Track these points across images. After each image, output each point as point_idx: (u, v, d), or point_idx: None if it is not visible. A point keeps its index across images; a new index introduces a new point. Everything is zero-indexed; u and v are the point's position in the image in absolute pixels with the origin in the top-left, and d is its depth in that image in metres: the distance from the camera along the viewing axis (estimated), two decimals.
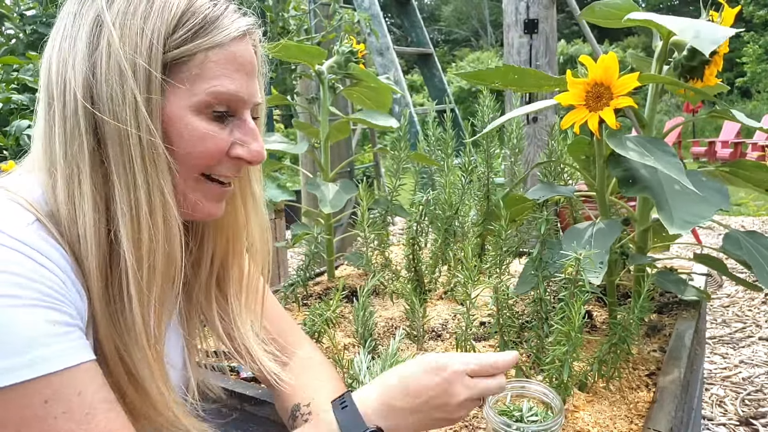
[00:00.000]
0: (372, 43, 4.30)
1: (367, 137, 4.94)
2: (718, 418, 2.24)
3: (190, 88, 0.62)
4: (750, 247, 0.92)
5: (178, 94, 0.62)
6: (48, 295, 0.55)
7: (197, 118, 0.63)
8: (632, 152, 0.82)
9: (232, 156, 0.67)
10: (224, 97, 0.64)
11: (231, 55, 0.64)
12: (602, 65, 0.84)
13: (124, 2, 0.61)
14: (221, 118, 0.65)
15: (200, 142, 0.64)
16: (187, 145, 0.63)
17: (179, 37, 0.61)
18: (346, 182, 1.31)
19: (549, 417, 0.67)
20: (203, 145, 0.64)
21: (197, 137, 0.63)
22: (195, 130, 0.63)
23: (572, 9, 3.91)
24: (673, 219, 0.81)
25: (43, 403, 0.53)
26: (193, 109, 0.63)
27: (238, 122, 0.67)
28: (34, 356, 0.52)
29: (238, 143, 0.67)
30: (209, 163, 0.66)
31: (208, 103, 0.63)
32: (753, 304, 3.37)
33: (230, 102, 0.65)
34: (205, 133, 0.64)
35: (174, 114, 0.62)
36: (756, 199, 6.34)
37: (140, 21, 0.60)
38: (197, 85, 0.62)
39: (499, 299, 0.89)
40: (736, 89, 16.19)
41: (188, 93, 0.62)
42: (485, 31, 25.59)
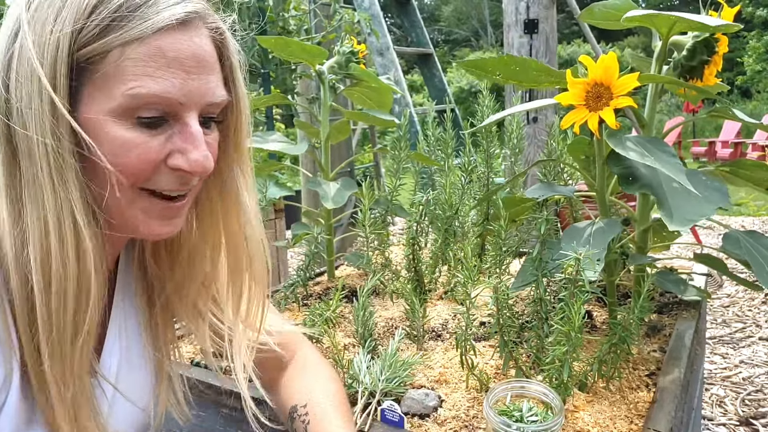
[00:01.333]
0: (372, 43, 4.30)
1: (367, 137, 4.94)
2: (718, 418, 2.24)
3: (106, 91, 0.53)
4: (750, 247, 0.92)
5: (95, 99, 0.54)
6: None
7: (120, 125, 0.54)
8: (632, 152, 0.82)
9: (171, 166, 0.57)
10: (147, 101, 0.54)
11: (155, 49, 0.54)
12: (602, 65, 0.84)
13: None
14: (153, 125, 0.56)
15: (124, 152, 0.54)
16: (110, 156, 0.54)
17: (90, 32, 0.52)
18: (346, 179, 1.31)
19: (549, 417, 0.67)
20: (127, 156, 0.55)
21: (120, 147, 0.54)
22: (116, 139, 0.54)
23: (572, 9, 3.91)
24: (673, 216, 0.81)
25: None
26: (113, 116, 0.54)
27: (178, 127, 0.57)
28: None
29: (176, 152, 0.57)
30: (141, 176, 0.57)
31: (127, 108, 0.54)
32: (753, 304, 3.36)
33: (159, 105, 0.55)
34: (130, 142, 0.54)
35: (93, 121, 0.54)
36: (756, 198, 6.34)
37: (52, 16, 0.53)
38: (114, 88, 0.53)
39: (499, 299, 0.89)
40: (736, 89, 16.19)
41: (105, 97, 0.53)
42: (485, 31, 25.59)
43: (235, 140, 0.66)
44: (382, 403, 0.83)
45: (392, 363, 0.88)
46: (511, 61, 0.98)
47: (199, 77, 0.57)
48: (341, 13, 3.15)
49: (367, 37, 4.12)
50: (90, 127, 0.54)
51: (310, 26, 3.23)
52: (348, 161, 1.68)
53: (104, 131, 0.54)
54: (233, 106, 0.64)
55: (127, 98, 0.53)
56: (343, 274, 1.48)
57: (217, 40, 0.61)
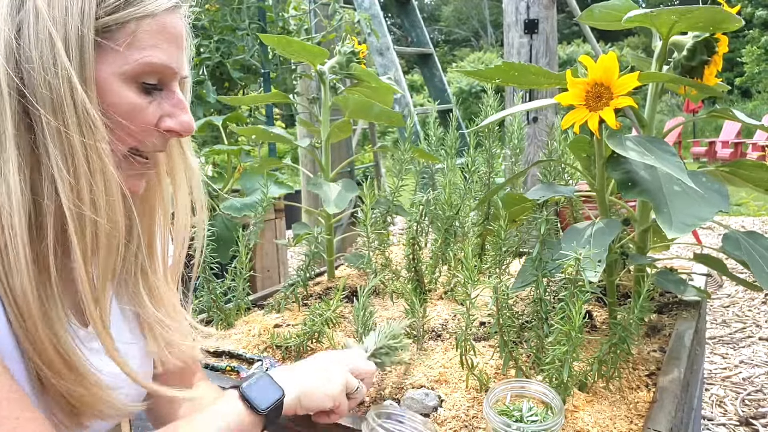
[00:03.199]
0: (372, 43, 4.30)
1: (367, 137, 4.94)
2: (718, 418, 2.24)
3: (121, 57, 0.60)
4: (749, 248, 0.92)
5: (108, 63, 0.60)
6: None
7: (127, 88, 0.62)
8: (632, 152, 0.82)
9: (161, 129, 0.65)
10: (155, 68, 0.62)
11: (162, 25, 0.63)
12: (602, 65, 0.84)
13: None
14: (150, 91, 0.64)
15: (129, 114, 0.62)
16: (118, 116, 0.61)
17: (111, 4, 0.59)
18: (347, 182, 1.31)
19: (549, 417, 0.67)
20: (131, 117, 0.62)
21: (126, 108, 0.62)
22: (123, 100, 0.61)
23: (572, 9, 3.91)
24: (671, 222, 0.80)
25: None
26: (123, 79, 0.61)
27: (166, 94, 0.66)
28: None
29: (167, 116, 0.66)
30: (138, 137, 0.64)
31: (138, 73, 0.62)
32: (753, 304, 3.37)
33: (160, 73, 0.64)
34: (135, 105, 0.62)
35: (104, 83, 0.60)
36: (756, 199, 6.34)
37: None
38: (129, 55, 0.61)
39: (499, 299, 0.89)
40: (736, 89, 16.20)
41: (119, 62, 0.61)
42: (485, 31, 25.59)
43: None
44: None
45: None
46: (510, 68, 0.97)
47: (181, 53, 0.67)
48: (341, 13, 3.15)
49: (367, 37, 4.12)
50: (103, 89, 0.60)
51: (310, 26, 3.23)
52: (348, 161, 1.68)
53: (116, 94, 0.61)
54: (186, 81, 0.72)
55: (141, 65, 0.61)
56: (343, 274, 1.48)
57: (185, 24, 0.70)
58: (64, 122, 0.57)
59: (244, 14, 2.61)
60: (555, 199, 1.17)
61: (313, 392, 0.75)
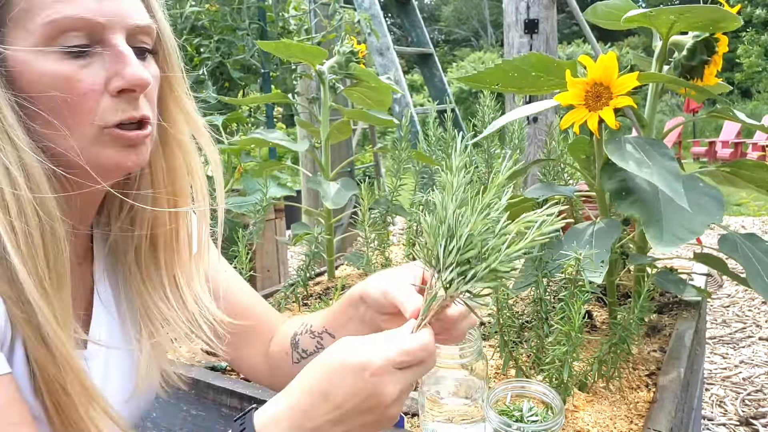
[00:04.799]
0: (372, 43, 4.30)
1: (367, 137, 4.94)
2: (718, 418, 2.24)
3: (24, 30, 0.53)
4: (747, 251, 0.92)
5: (17, 40, 0.53)
6: None
7: (47, 60, 0.53)
8: (631, 162, 0.81)
9: (113, 92, 0.56)
10: (65, 25, 0.53)
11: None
12: (601, 65, 0.84)
13: None
14: (80, 54, 0.55)
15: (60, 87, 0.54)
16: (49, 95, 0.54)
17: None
18: (346, 180, 1.31)
19: (549, 417, 0.67)
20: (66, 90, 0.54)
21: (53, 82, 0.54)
22: (46, 74, 0.53)
23: (572, 9, 3.90)
24: (662, 236, 0.78)
25: None
26: (37, 53, 0.53)
27: (108, 51, 0.56)
28: None
29: (113, 76, 0.56)
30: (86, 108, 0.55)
31: (48, 37, 0.53)
32: (753, 304, 3.36)
33: (79, 29, 0.54)
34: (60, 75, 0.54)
35: (21, 65, 0.53)
36: (756, 199, 6.33)
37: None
38: (30, 21, 0.53)
39: (499, 299, 0.89)
40: (737, 89, 16.20)
41: (25, 34, 0.53)
42: (485, 31, 25.59)
43: (168, 80, 0.66)
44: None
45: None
46: (509, 67, 0.96)
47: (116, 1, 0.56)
48: (341, 13, 3.15)
49: (367, 37, 4.11)
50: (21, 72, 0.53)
51: (310, 26, 3.23)
52: (348, 161, 1.68)
53: (36, 70, 0.53)
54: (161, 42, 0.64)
55: (45, 28, 0.53)
56: (343, 274, 1.48)
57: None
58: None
59: (244, 14, 2.61)
60: (555, 199, 1.17)
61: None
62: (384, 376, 0.53)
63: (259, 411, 0.56)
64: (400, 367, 0.54)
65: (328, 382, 0.54)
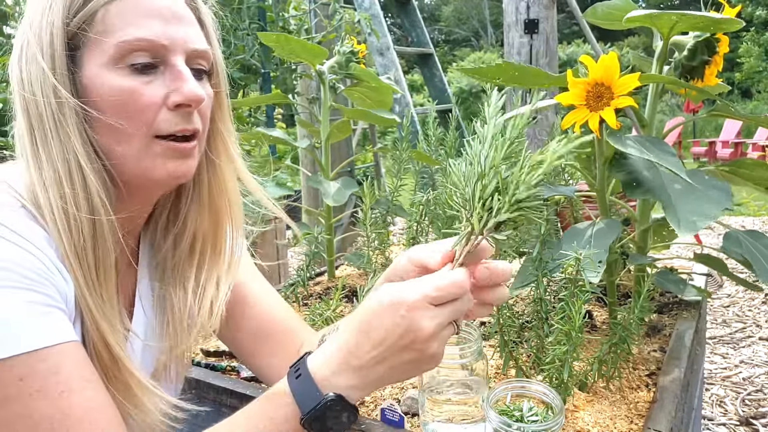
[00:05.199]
0: (372, 42, 4.30)
1: (368, 137, 4.94)
2: (718, 418, 2.24)
3: (101, 47, 0.61)
4: (750, 246, 0.92)
5: (93, 57, 0.62)
6: (27, 277, 0.55)
7: (115, 75, 0.61)
8: (632, 149, 0.82)
9: (171, 106, 0.64)
10: (134, 46, 0.61)
11: (133, 3, 0.62)
12: (603, 65, 0.84)
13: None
14: (144, 71, 0.63)
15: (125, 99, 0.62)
16: (114, 106, 0.61)
17: (77, 2, 0.61)
18: (347, 179, 1.31)
19: (549, 417, 0.67)
20: (130, 102, 0.62)
21: (120, 95, 0.61)
22: (115, 88, 0.61)
23: (572, 9, 3.90)
24: (679, 221, 0.80)
25: (17, 381, 0.53)
26: (108, 68, 0.61)
27: (168, 70, 0.64)
28: (11, 335, 0.53)
29: (172, 92, 0.64)
30: (145, 121, 0.63)
31: (119, 56, 0.61)
32: (753, 304, 3.36)
33: (146, 50, 0.62)
34: (127, 89, 0.62)
35: (92, 78, 0.61)
36: (756, 199, 6.33)
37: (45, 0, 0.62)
38: (104, 42, 0.61)
39: None
40: (737, 89, 16.21)
41: (100, 53, 0.61)
42: (485, 31, 25.59)
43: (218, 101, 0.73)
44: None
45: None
46: (510, 68, 0.97)
47: (178, 26, 0.65)
48: (341, 13, 3.15)
49: (368, 37, 4.12)
50: (92, 85, 0.62)
51: (310, 26, 3.23)
52: (348, 161, 1.68)
53: (105, 84, 0.61)
54: (214, 66, 0.71)
55: (117, 48, 0.61)
56: (344, 273, 1.48)
57: (190, 4, 0.69)
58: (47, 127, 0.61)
59: (244, 14, 2.61)
60: (555, 199, 1.17)
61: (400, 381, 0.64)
62: (418, 311, 0.57)
63: (311, 355, 0.62)
64: (435, 302, 0.57)
65: (369, 321, 0.58)
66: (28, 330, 0.54)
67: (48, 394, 0.54)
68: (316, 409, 0.58)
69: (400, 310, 0.57)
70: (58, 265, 0.59)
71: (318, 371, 0.60)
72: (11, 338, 0.53)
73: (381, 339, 0.58)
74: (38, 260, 0.57)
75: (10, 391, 0.53)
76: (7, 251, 0.55)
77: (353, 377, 0.59)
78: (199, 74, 0.68)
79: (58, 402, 0.55)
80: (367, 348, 0.58)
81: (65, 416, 0.55)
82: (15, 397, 0.53)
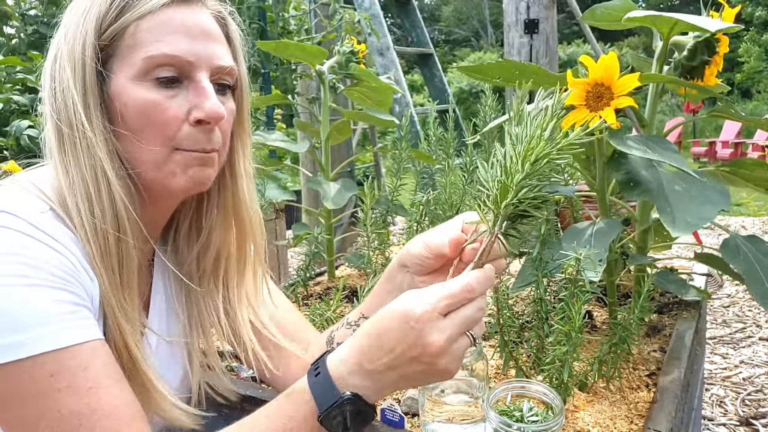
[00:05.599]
0: (372, 43, 4.30)
1: (368, 137, 4.94)
2: (718, 418, 2.24)
3: (129, 60, 0.63)
4: (749, 255, 0.91)
5: (121, 70, 0.64)
6: (57, 276, 0.57)
7: (141, 88, 0.63)
8: (635, 150, 0.82)
9: (192, 122, 0.66)
10: (160, 61, 0.63)
11: (164, 20, 0.64)
12: (603, 65, 0.84)
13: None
14: (169, 85, 0.65)
15: (149, 111, 0.63)
16: (138, 117, 0.63)
17: (110, 17, 0.63)
18: (347, 181, 1.31)
19: (549, 417, 0.67)
20: (153, 115, 0.64)
21: (144, 107, 0.63)
22: (139, 99, 0.63)
23: (573, 9, 3.91)
24: (675, 221, 0.80)
25: (48, 377, 0.55)
26: (134, 81, 0.63)
27: (192, 86, 0.66)
28: (42, 333, 0.55)
29: (194, 108, 0.66)
30: (167, 133, 0.65)
31: (146, 70, 0.63)
32: (753, 304, 3.36)
33: (172, 65, 0.64)
34: (151, 102, 0.63)
35: (119, 90, 0.63)
36: (756, 199, 6.33)
37: (80, 12, 0.64)
38: (133, 56, 0.63)
39: (500, 299, 0.89)
40: (737, 89, 16.20)
41: (127, 66, 0.63)
42: (485, 31, 25.59)
43: (239, 117, 0.75)
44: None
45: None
46: (511, 66, 0.98)
47: (205, 43, 0.66)
48: (341, 13, 3.15)
49: (368, 37, 4.12)
50: (119, 96, 0.64)
51: (310, 26, 3.23)
52: (348, 161, 1.68)
53: (131, 96, 0.63)
54: (239, 82, 0.73)
55: (144, 62, 0.63)
56: (344, 274, 1.48)
57: (220, 21, 0.71)
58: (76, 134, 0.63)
59: (244, 14, 2.61)
60: (555, 199, 1.17)
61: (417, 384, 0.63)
62: (427, 324, 0.56)
63: (331, 354, 0.63)
64: (444, 312, 0.57)
65: (381, 327, 0.59)
66: (59, 328, 0.56)
67: (77, 390, 0.56)
68: (332, 406, 0.59)
69: (409, 322, 0.57)
70: (85, 265, 0.61)
71: (335, 370, 0.61)
72: (43, 336, 0.55)
73: (391, 347, 0.58)
74: (67, 260, 0.59)
75: (40, 386, 0.55)
76: (38, 251, 0.57)
77: (366, 379, 0.59)
78: (223, 89, 0.70)
79: (86, 398, 0.56)
80: (379, 354, 0.59)
81: (92, 411, 0.56)
82: (45, 392, 0.55)
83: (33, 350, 0.54)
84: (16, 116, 1.95)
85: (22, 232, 0.57)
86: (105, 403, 0.57)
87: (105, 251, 0.63)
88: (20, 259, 0.55)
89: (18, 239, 0.56)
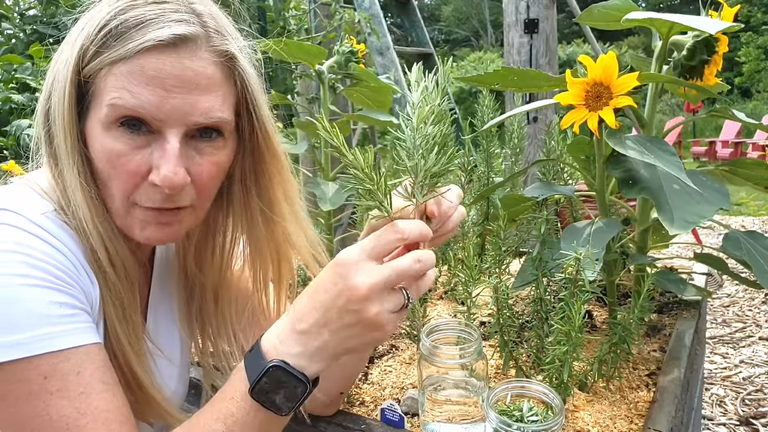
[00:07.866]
0: (372, 42, 4.29)
1: (368, 137, 4.94)
2: (718, 418, 2.24)
3: (97, 103, 0.61)
4: (750, 248, 0.92)
5: (93, 110, 0.62)
6: (57, 277, 0.57)
7: (107, 135, 0.61)
8: (632, 151, 0.82)
9: (149, 182, 0.62)
10: (122, 113, 0.59)
11: (137, 68, 0.59)
12: (601, 65, 0.84)
13: (83, 17, 0.63)
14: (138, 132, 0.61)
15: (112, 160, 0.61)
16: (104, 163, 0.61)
17: (91, 52, 0.60)
18: (345, 181, 1.31)
19: (549, 417, 0.67)
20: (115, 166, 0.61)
21: (107, 155, 0.61)
22: (106, 146, 0.61)
23: (572, 9, 3.90)
24: (673, 219, 0.80)
25: (42, 379, 0.55)
26: (101, 126, 0.61)
27: (159, 142, 0.61)
28: (39, 334, 0.55)
29: (154, 167, 0.61)
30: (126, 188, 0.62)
31: (109, 117, 0.60)
32: (753, 303, 3.36)
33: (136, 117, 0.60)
34: (113, 151, 0.61)
35: (91, 131, 0.62)
36: (756, 198, 6.34)
37: (74, 36, 0.62)
38: (101, 99, 0.60)
39: (499, 299, 0.89)
40: (737, 89, 16.20)
41: (96, 108, 0.61)
42: (485, 31, 25.59)
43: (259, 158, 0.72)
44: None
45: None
46: (509, 72, 0.98)
47: (183, 96, 0.60)
48: (341, 13, 3.15)
49: (368, 37, 4.11)
50: (90, 137, 0.62)
51: (310, 26, 3.23)
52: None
53: (98, 141, 0.61)
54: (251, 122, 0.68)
55: (108, 108, 0.59)
56: None
57: (224, 63, 0.64)
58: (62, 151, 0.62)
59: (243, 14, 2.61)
60: (554, 199, 1.17)
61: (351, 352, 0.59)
62: (353, 266, 0.55)
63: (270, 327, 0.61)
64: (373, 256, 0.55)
65: (313, 284, 0.58)
66: (56, 330, 0.56)
67: (68, 394, 0.56)
68: (260, 377, 0.57)
69: (335, 268, 0.56)
70: (86, 267, 0.61)
71: (268, 340, 0.59)
72: (39, 338, 0.55)
73: (322, 301, 0.56)
74: (68, 260, 0.59)
75: (33, 388, 0.55)
76: (39, 250, 0.57)
77: (297, 344, 0.57)
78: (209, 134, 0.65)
79: (76, 402, 0.56)
80: (309, 311, 0.57)
81: (81, 416, 0.56)
82: (37, 394, 0.55)
83: (29, 351, 0.54)
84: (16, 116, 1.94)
85: (25, 231, 0.57)
86: (95, 408, 0.57)
87: (102, 256, 0.63)
88: (21, 257, 0.55)
89: (20, 237, 0.56)
